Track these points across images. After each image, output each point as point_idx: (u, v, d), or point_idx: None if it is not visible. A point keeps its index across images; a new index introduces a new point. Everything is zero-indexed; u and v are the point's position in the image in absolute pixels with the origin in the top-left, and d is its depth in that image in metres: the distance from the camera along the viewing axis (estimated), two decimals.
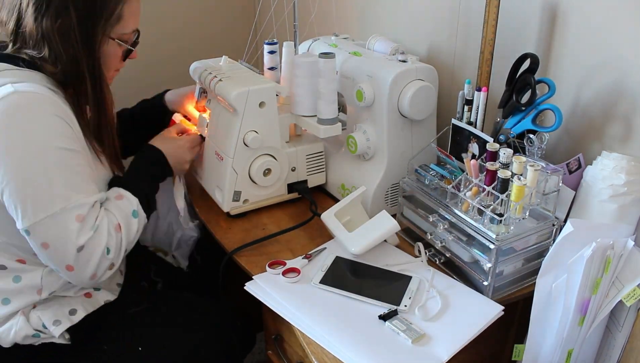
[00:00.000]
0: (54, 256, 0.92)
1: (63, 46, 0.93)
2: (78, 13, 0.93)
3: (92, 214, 0.93)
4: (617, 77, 0.98)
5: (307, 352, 0.86)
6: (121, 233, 0.98)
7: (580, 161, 1.01)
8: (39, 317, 1.00)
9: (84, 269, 0.93)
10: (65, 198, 0.90)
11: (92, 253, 0.93)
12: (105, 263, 0.95)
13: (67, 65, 0.95)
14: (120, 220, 0.98)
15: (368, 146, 1.17)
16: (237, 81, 1.14)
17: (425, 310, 0.91)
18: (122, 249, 0.98)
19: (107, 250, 0.95)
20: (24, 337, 1.00)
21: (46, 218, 0.89)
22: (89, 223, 0.92)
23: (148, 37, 1.86)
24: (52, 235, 0.90)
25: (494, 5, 1.03)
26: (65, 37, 0.93)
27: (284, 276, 1.00)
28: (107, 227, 0.95)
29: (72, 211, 0.90)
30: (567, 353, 0.92)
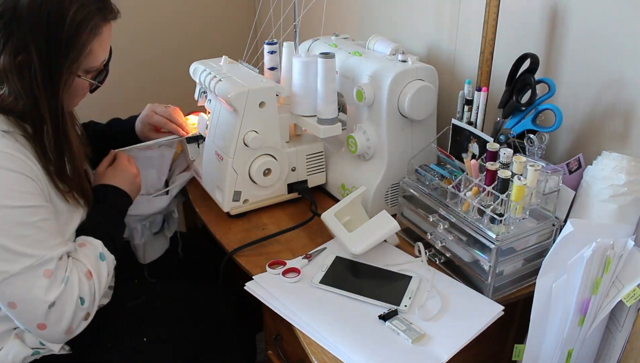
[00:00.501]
0: (22, 316, 0.87)
1: (22, 85, 0.86)
2: (40, 53, 0.85)
3: (61, 267, 0.89)
4: (617, 77, 0.98)
5: (307, 352, 0.86)
6: (93, 279, 0.93)
7: (580, 161, 1.01)
8: None
9: (58, 325, 0.88)
10: (30, 256, 0.85)
11: (64, 308, 0.88)
12: (80, 314, 0.91)
13: (27, 104, 0.88)
14: (89, 267, 0.93)
15: (368, 146, 1.17)
16: (237, 81, 1.14)
17: (425, 310, 0.91)
18: (96, 296, 0.94)
19: (80, 300, 0.90)
20: (23, 359, 0.97)
21: (10, 277, 0.84)
22: (59, 277, 0.88)
23: (148, 37, 1.88)
24: (18, 295, 0.85)
25: (494, 5, 1.03)
26: (24, 77, 0.86)
27: (284, 276, 1.00)
28: (77, 277, 0.90)
29: (39, 268, 0.85)
30: (567, 353, 0.92)
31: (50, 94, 0.88)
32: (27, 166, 0.87)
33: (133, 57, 1.86)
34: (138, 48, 1.86)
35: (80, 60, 0.90)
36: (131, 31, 1.83)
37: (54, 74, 0.88)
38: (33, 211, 0.86)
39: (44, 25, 0.85)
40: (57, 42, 0.86)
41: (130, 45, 1.83)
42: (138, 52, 1.87)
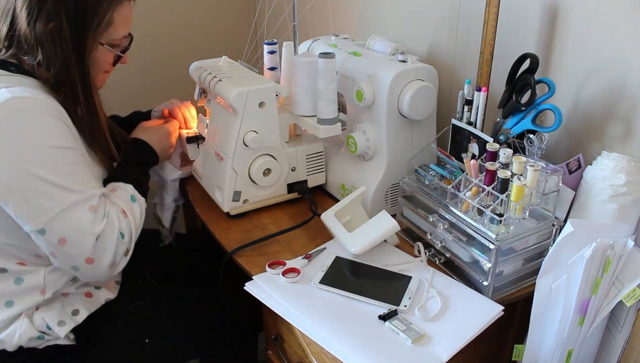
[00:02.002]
0: (72, 250, 0.93)
1: (55, 50, 0.94)
2: (69, 18, 0.93)
3: (102, 204, 0.95)
4: (617, 77, 0.98)
5: (307, 352, 0.86)
6: (128, 218, 1.00)
7: (580, 161, 1.01)
8: (43, 318, 1.01)
9: (103, 258, 0.95)
10: (77, 192, 0.92)
11: (108, 241, 0.95)
12: (121, 248, 0.97)
13: (59, 70, 0.95)
14: (123, 206, 1.00)
15: (368, 146, 1.17)
16: (236, 81, 1.14)
17: (425, 310, 0.91)
18: (132, 233, 1.00)
19: (121, 234, 0.97)
20: (28, 339, 1.00)
21: (61, 212, 0.90)
22: (101, 212, 0.94)
23: (148, 37, 1.87)
24: (69, 229, 0.91)
25: (494, 5, 1.03)
26: (56, 42, 0.93)
27: (284, 276, 1.00)
28: (116, 213, 0.97)
29: (85, 203, 0.92)
30: (567, 353, 0.92)
31: (79, 59, 0.96)
32: (63, 114, 0.94)
33: (133, 57, 1.84)
34: (138, 48, 1.85)
35: (102, 28, 0.98)
36: (131, 31, 1.82)
37: (81, 38, 0.95)
38: (75, 153, 0.94)
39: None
40: (83, 8, 0.94)
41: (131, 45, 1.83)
42: (138, 52, 1.85)
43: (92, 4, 0.95)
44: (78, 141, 0.97)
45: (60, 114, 0.93)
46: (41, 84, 0.95)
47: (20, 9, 0.92)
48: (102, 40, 0.99)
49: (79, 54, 0.96)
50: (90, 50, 0.97)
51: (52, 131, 0.91)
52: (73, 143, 0.94)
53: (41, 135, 0.90)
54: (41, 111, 0.90)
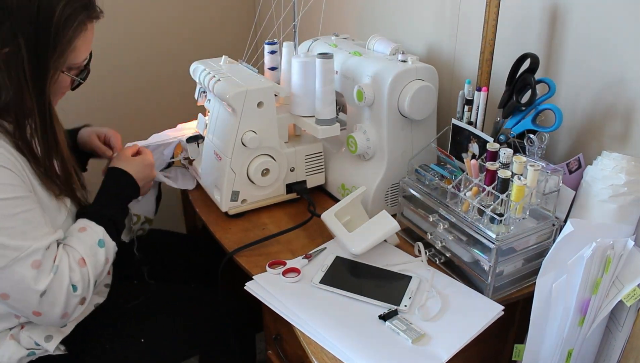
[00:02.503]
0: (17, 305, 0.89)
1: (9, 76, 0.86)
2: (28, 44, 0.85)
3: (49, 256, 0.89)
4: (617, 77, 0.98)
5: (307, 352, 0.86)
6: (86, 267, 0.93)
7: (580, 161, 1.01)
8: (29, 337, 0.98)
9: (52, 311, 0.90)
10: (16, 248, 0.85)
11: (56, 295, 0.89)
12: (73, 300, 0.92)
13: (13, 98, 0.87)
14: (83, 254, 0.94)
15: (368, 146, 1.17)
16: (235, 81, 1.14)
17: (426, 310, 0.91)
18: (90, 282, 0.94)
19: (72, 287, 0.91)
20: (19, 359, 0.97)
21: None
22: (47, 267, 0.88)
23: (148, 37, 1.88)
24: (9, 286, 0.86)
25: (494, 5, 1.03)
26: (11, 69, 0.85)
27: (284, 276, 1.00)
28: (68, 265, 0.91)
29: (26, 259, 0.86)
30: (567, 353, 0.92)
31: (38, 88, 0.88)
32: (7, 158, 0.87)
33: (134, 57, 1.86)
34: (138, 48, 1.86)
35: (66, 55, 0.90)
36: (132, 31, 1.83)
37: (42, 67, 0.88)
38: (16, 203, 0.86)
39: (34, 18, 0.85)
40: (45, 35, 0.86)
41: (131, 45, 1.83)
42: (138, 52, 1.87)
43: (56, 31, 0.87)
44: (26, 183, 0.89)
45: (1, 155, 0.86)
46: None
47: None
48: (63, 68, 0.92)
49: (38, 83, 0.88)
50: (52, 77, 0.89)
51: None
52: (17, 191, 0.87)
53: None
54: None
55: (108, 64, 1.80)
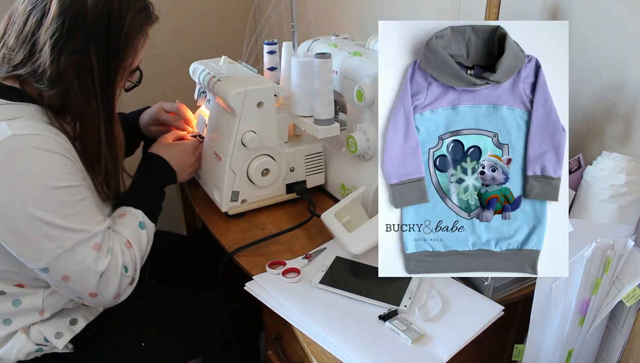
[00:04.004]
0: (76, 287, 0.92)
1: (79, 85, 0.90)
2: (98, 53, 0.89)
3: (106, 239, 0.94)
4: (617, 77, 0.98)
5: (307, 352, 0.86)
6: (133, 249, 0.98)
7: (580, 161, 1.01)
8: (40, 332, 0.99)
9: (107, 292, 0.94)
10: (79, 231, 0.89)
11: (112, 276, 0.93)
12: (125, 281, 0.96)
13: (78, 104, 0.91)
14: (128, 237, 0.98)
15: (368, 146, 1.17)
16: (235, 81, 1.14)
17: (425, 310, 0.91)
18: (137, 263, 0.99)
19: (124, 268, 0.96)
20: (26, 354, 0.99)
21: (64, 252, 0.88)
22: (105, 249, 0.93)
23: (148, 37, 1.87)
24: (72, 268, 0.90)
25: (494, 5, 1.03)
26: (81, 76, 0.89)
27: (284, 276, 1.00)
28: (120, 247, 0.96)
29: (88, 241, 0.90)
30: (567, 353, 0.92)
31: (106, 94, 0.93)
32: (65, 147, 0.91)
33: None
34: None
35: (132, 62, 0.96)
36: None
37: (111, 74, 0.92)
38: (78, 190, 0.91)
39: (105, 27, 0.89)
40: (115, 44, 0.90)
41: None
42: None
43: (125, 40, 0.91)
44: (82, 173, 0.94)
45: (62, 147, 0.90)
46: (45, 111, 0.91)
47: (44, 39, 0.87)
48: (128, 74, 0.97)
49: (105, 89, 0.92)
50: (119, 85, 0.95)
51: (53, 170, 0.88)
52: (76, 179, 0.91)
53: (42, 175, 0.86)
54: (43, 148, 0.86)
55: None
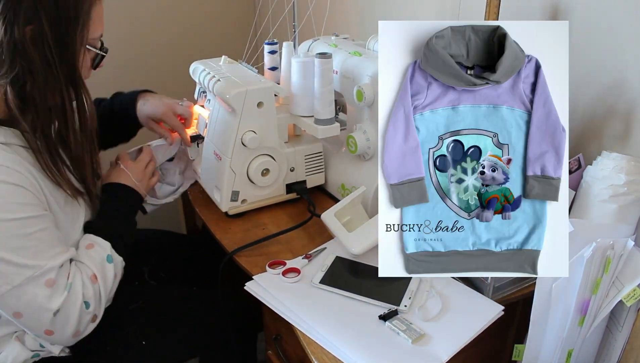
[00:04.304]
0: (29, 324, 0.88)
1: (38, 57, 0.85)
2: (50, 19, 0.84)
3: (63, 274, 0.89)
4: (617, 77, 0.98)
5: (307, 352, 0.86)
6: (98, 283, 0.94)
7: (580, 161, 1.01)
8: (34, 339, 0.98)
9: (65, 330, 0.90)
10: (30, 267, 0.85)
11: (69, 313, 0.89)
12: (86, 317, 0.92)
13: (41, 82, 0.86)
14: (94, 270, 0.94)
15: (368, 146, 1.17)
16: (235, 81, 1.14)
17: (425, 310, 0.91)
18: (101, 298, 0.94)
19: (85, 304, 0.91)
20: (23, 361, 0.97)
21: (13, 289, 0.84)
22: (61, 285, 0.88)
23: (148, 37, 1.87)
24: (23, 305, 0.86)
25: (494, 6, 1.03)
26: (38, 47, 0.84)
27: (284, 276, 1.00)
28: (81, 282, 0.91)
29: (40, 278, 0.86)
30: (567, 353, 0.92)
31: (66, 63, 0.88)
32: (24, 177, 0.86)
33: (133, 56, 1.86)
34: (138, 48, 1.86)
35: (87, 27, 0.90)
36: (131, 31, 1.83)
37: (67, 41, 0.87)
38: (31, 222, 0.86)
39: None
40: (65, 6, 0.86)
41: (131, 44, 1.83)
42: (138, 52, 1.87)
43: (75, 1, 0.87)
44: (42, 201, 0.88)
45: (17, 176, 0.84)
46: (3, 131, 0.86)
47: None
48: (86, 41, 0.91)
49: (65, 58, 0.87)
50: (79, 52, 0.90)
51: (6, 201, 0.83)
52: (33, 210, 0.86)
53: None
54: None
55: (107, 64, 1.79)
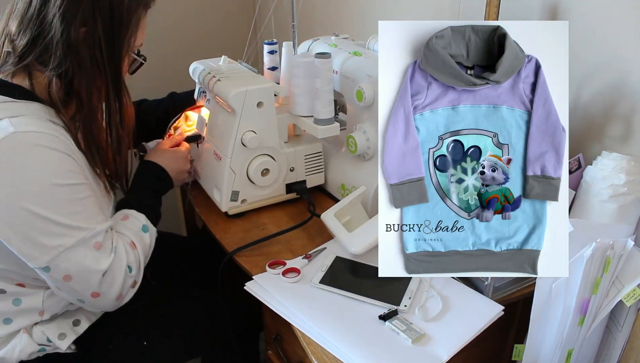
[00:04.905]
0: (78, 286, 0.91)
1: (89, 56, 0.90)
2: (104, 23, 0.90)
3: (108, 239, 0.93)
4: (617, 77, 0.98)
5: (307, 352, 0.86)
6: (137, 250, 0.98)
7: (580, 161, 1.01)
8: (43, 332, 0.99)
9: (110, 292, 0.93)
10: (81, 229, 0.89)
11: (115, 275, 0.93)
12: (129, 281, 0.96)
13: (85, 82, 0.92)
14: (132, 238, 0.99)
15: (368, 146, 1.17)
16: (235, 81, 1.14)
17: (425, 310, 0.91)
18: (141, 264, 0.99)
19: (128, 268, 0.95)
20: (29, 353, 0.98)
21: (65, 251, 0.87)
22: (108, 248, 0.92)
23: (148, 37, 1.87)
24: (74, 267, 0.89)
25: (494, 6, 1.03)
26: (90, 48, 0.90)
27: (284, 276, 1.00)
28: (124, 247, 0.95)
29: (90, 240, 0.90)
30: (567, 353, 0.92)
31: (113, 67, 0.94)
32: (68, 146, 0.91)
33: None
34: None
35: (136, 34, 0.96)
36: None
37: (117, 46, 0.93)
38: (81, 188, 0.91)
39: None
40: (119, 13, 0.91)
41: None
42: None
43: (128, 9, 0.92)
44: (85, 172, 0.93)
45: (65, 146, 0.89)
46: (48, 110, 0.91)
47: (52, 12, 0.87)
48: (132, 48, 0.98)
49: (112, 62, 0.93)
50: (124, 57, 0.95)
51: (56, 167, 0.87)
52: (79, 177, 0.90)
53: (45, 173, 0.86)
54: (45, 146, 0.86)
55: None
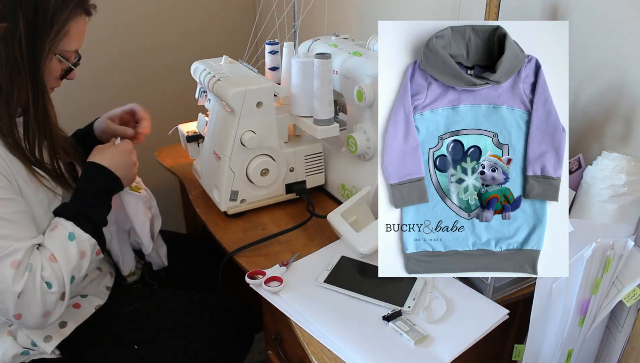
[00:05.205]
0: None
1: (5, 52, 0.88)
2: (26, 21, 0.87)
3: (26, 256, 0.89)
4: (617, 77, 0.98)
5: (307, 352, 0.86)
6: (57, 262, 0.92)
7: (580, 161, 1.01)
8: (27, 335, 0.97)
9: (30, 312, 0.89)
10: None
11: (31, 294, 0.88)
12: (51, 297, 0.90)
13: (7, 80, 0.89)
14: (52, 250, 0.92)
15: (368, 146, 1.17)
16: (235, 81, 1.14)
17: (429, 312, 0.91)
18: (64, 277, 0.92)
19: (47, 284, 0.90)
20: (12, 356, 0.97)
21: None
22: (23, 267, 0.88)
23: (149, 37, 1.87)
24: None
25: (494, 6, 1.03)
26: (9, 45, 0.87)
27: (267, 285, 0.97)
28: (40, 262, 0.90)
29: (6, 258, 0.86)
30: (567, 353, 0.92)
31: (33, 66, 0.90)
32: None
33: (134, 56, 1.86)
34: (139, 48, 1.86)
35: (60, 37, 0.92)
36: (132, 30, 1.83)
37: (38, 45, 0.90)
38: (6, 204, 0.88)
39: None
40: (44, 12, 0.89)
41: (132, 44, 1.83)
42: (139, 52, 1.87)
43: (54, 10, 0.89)
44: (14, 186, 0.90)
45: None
46: None
47: None
48: (56, 50, 0.93)
49: (32, 61, 0.90)
50: (46, 58, 0.92)
51: None
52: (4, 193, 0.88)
53: None
54: None
55: (108, 64, 1.80)
